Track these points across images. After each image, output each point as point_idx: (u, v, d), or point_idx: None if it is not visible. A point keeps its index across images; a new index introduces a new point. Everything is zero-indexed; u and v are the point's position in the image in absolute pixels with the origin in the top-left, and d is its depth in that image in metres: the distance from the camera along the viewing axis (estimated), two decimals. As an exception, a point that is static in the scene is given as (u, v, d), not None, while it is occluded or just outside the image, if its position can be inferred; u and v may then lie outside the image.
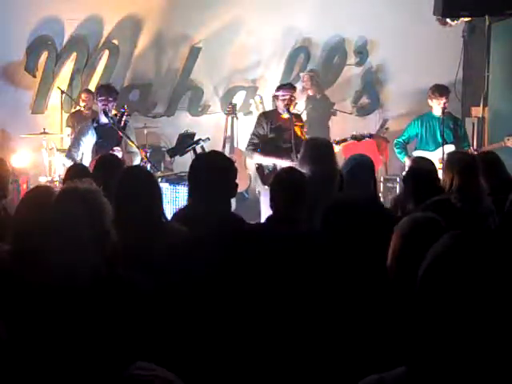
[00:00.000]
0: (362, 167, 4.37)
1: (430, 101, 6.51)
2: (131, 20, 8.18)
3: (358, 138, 6.28)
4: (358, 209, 2.62)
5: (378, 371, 1.56)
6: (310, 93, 8.12)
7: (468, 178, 4.14)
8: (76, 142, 6.00)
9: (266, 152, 5.85)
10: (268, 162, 5.83)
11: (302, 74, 8.35)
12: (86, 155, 5.91)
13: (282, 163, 5.59)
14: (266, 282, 2.88)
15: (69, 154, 6.01)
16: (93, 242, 2.29)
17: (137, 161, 5.88)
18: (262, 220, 5.67)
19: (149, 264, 2.86)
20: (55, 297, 2.24)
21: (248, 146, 5.98)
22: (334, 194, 3.95)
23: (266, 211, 5.74)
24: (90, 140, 5.89)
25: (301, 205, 3.49)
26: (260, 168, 5.90)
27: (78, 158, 5.95)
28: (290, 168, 3.87)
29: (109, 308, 2.27)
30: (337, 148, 5.85)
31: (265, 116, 6.05)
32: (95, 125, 5.90)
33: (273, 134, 5.88)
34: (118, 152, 5.68)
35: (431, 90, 6.51)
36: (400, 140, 6.66)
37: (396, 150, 6.65)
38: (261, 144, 5.88)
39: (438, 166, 5.70)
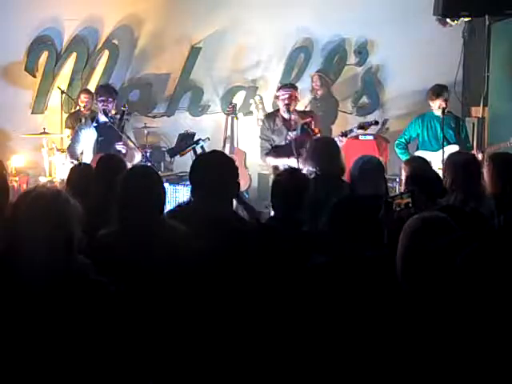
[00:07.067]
0: (372, 168, 4.34)
1: (430, 102, 6.50)
2: (131, 20, 8.18)
3: (364, 127, 6.16)
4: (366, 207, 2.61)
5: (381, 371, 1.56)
6: (319, 93, 8.11)
7: (470, 178, 4.14)
8: (76, 136, 6.07)
9: (276, 154, 5.81)
10: (281, 162, 5.74)
11: (311, 74, 8.33)
12: (86, 153, 5.93)
13: (292, 162, 5.52)
14: (266, 281, 2.88)
15: (70, 149, 6.06)
16: (59, 243, 2.33)
17: (137, 158, 5.90)
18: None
19: (149, 262, 2.87)
20: (24, 296, 2.28)
21: (261, 151, 5.94)
22: (339, 193, 3.94)
23: None
24: (90, 135, 5.92)
25: (301, 206, 3.50)
26: (276, 169, 5.84)
27: (79, 153, 6.00)
28: (292, 169, 3.85)
29: (75, 307, 2.31)
30: (344, 140, 5.80)
31: (267, 118, 6.05)
32: (95, 124, 5.94)
33: (275, 135, 5.88)
34: (122, 147, 5.71)
35: (430, 91, 6.50)
36: (402, 140, 6.64)
37: (398, 151, 6.62)
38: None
39: (440, 166, 5.69)
